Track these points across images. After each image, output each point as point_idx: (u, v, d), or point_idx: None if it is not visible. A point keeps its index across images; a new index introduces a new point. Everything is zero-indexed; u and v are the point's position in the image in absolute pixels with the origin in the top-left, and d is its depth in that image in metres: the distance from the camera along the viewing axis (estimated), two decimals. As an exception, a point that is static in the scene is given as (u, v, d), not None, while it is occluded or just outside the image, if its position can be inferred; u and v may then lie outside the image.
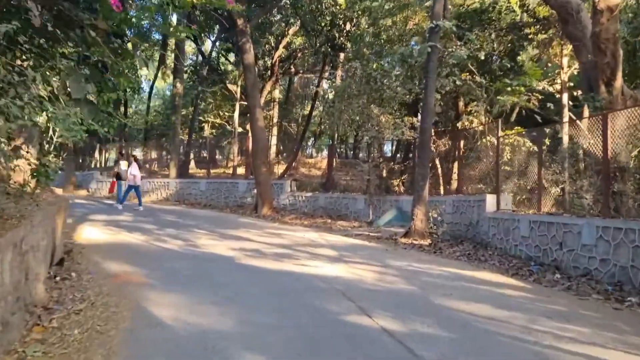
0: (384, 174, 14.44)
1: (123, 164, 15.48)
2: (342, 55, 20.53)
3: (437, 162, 13.58)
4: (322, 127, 36.41)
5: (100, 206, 14.71)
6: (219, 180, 17.56)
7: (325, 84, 26.93)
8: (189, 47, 37.77)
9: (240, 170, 29.63)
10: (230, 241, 8.56)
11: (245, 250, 7.59)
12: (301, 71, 31.30)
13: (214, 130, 33.12)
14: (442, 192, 13.10)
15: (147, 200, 18.60)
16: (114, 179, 15.67)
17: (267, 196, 14.88)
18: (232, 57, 29.52)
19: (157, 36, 29.54)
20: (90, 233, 8.72)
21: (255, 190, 15.80)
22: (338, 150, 42.65)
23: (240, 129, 31.08)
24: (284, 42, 22.68)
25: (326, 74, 24.51)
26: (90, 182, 21.64)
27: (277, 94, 31.81)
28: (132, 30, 21.10)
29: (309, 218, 13.97)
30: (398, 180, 15.39)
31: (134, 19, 4.56)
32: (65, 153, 14.37)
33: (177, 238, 8.63)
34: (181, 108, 27.10)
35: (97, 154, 34.57)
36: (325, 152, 45.74)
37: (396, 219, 12.40)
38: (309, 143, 39.60)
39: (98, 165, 32.16)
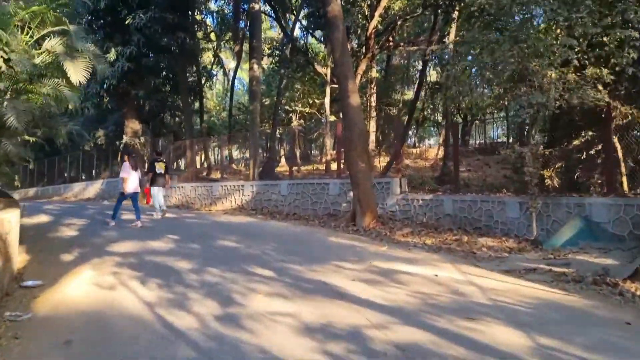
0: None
1: (159, 167, 12.74)
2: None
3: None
4: (430, 107, 31.85)
5: (151, 222, 11.78)
6: (304, 181, 13.98)
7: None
8: (267, 26, 35.05)
9: (334, 166, 26.12)
10: (308, 302, 4.81)
11: (334, 337, 3.80)
12: (402, 44, 26.87)
13: (302, 121, 29.90)
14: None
15: (217, 209, 15.61)
16: (148, 186, 13.06)
17: (368, 201, 11.01)
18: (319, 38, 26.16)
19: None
20: (79, 283, 5.47)
21: (351, 193, 11.99)
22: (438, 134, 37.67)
23: (332, 118, 27.66)
24: (380, 7, 18.56)
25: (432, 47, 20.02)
26: (159, 189, 19.30)
27: (374, 73, 27.91)
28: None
29: (431, 233, 9.86)
30: (550, 171, 10.65)
31: None
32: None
33: (213, 295, 5.07)
34: (261, 95, 24.18)
35: (189, 152, 33.15)
36: (429, 141, 40.91)
37: (582, 236, 7.87)
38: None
39: (182, 167, 30.64)
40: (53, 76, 7.88)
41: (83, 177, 27.20)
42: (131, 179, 10.87)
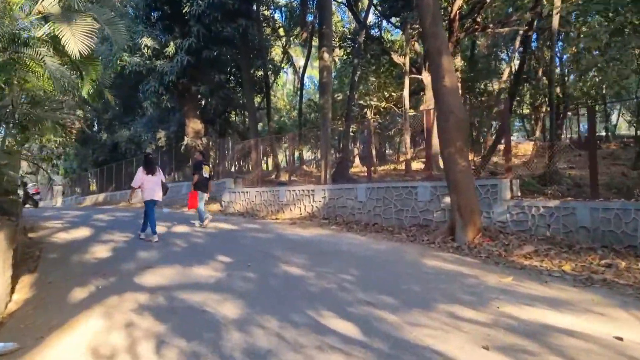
0: None
1: (205, 170, 11.59)
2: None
3: None
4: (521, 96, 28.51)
5: (204, 236, 10.18)
6: (386, 184, 11.82)
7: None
8: (337, 18, 33.11)
9: (416, 165, 23.73)
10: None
11: None
12: (491, 25, 23.94)
13: (378, 117, 27.66)
14: None
15: (284, 218, 13.84)
16: (193, 189, 11.79)
17: (471, 209, 8.73)
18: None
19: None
20: (69, 347, 3.78)
21: (447, 199, 9.75)
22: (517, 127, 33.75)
23: (411, 112, 25.28)
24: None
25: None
26: (223, 193, 17.89)
27: (457, 61, 25.24)
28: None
29: (564, 253, 7.43)
30: None
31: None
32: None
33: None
34: (333, 90, 22.28)
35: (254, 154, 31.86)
36: (517, 135, 37.14)
37: None
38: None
39: (246, 170, 29.35)
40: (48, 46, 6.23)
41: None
42: (146, 187, 9.44)
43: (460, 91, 9.58)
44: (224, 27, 17.66)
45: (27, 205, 19.53)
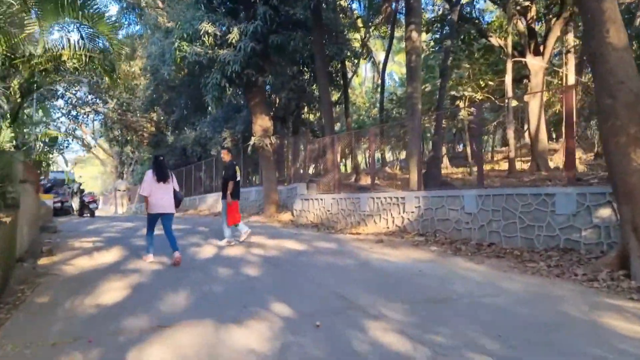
0: None
1: (238, 173, 9.70)
2: None
3: None
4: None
5: (262, 264, 7.92)
6: (504, 190, 8.90)
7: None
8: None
9: (520, 166, 20.33)
10: None
11: None
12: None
13: (473, 109, 24.37)
14: None
15: (367, 232, 11.31)
16: (230, 199, 9.54)
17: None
18: None
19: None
20: None
21: (602, 212, 6.85)
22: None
23: (514, 103, 21.89)
24: None
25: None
26: (295, 200, 15.69)
27: (570, 39, 21.60)
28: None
29: None
30: None
31: None
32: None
33: None
34: (421, 75, 19.45)
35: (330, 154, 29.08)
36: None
37: None
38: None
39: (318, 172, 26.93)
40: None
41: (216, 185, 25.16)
42: (155, 197, 7.61)
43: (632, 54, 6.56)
44: (294, 8, 15.48)
45: (84, 215, 18.45)
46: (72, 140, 31.69)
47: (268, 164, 17.29)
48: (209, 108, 18.96)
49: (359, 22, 29.20)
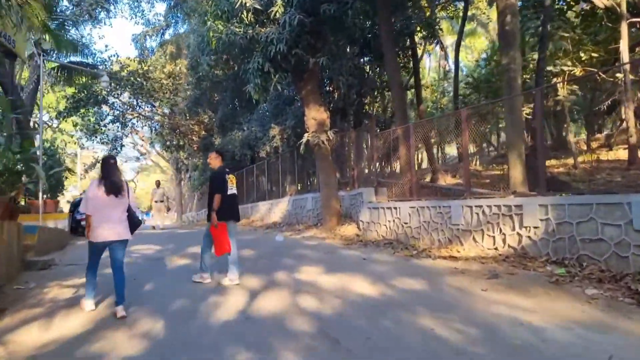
0: None
1: (231, 183, 7.06)
2: None
3: None
4: None
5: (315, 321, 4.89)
6: None
7: None
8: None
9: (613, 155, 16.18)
10: None
11: None
12: None
13: (575, 87, 20.17)
14: None
15: (465, 256, 7.97)
16: (216, 219, 6.83)
17: None
18: None
19: None
20: None
21: None
22: None
23: (631, 77, 17.71)
24: None
25: None
26: (360, 209, 12.61)
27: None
28: None
29: None
30: None
31: None
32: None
33: None
34: (518, 42, 15.75)
35: (404, 148, 25.27)
36: None
37: None
38: None
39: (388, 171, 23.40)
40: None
41: (273, 190, 22.40)
42: (98, 216, 5.30)
43: None
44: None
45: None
46: (121, 147, 30.10)
47: (326, 165, 14.27)
48: (257, 103, 16.26)
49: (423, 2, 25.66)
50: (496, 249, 8.08)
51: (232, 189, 7.05)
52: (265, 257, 9.17)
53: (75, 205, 16.89)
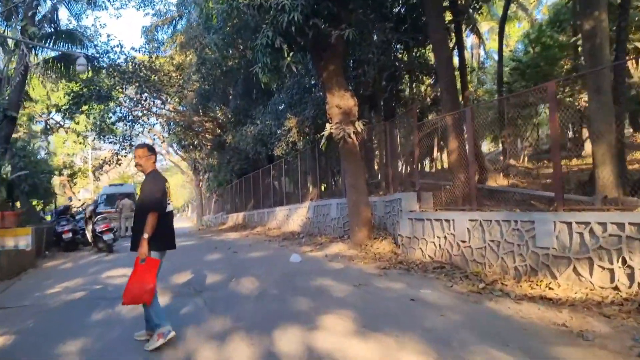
0: None
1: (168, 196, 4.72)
2: None
3: None
4: None
5: None
6: None
7: None
8: None
9: None
10: None
11: None
12: None
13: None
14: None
15: (566, 296, 5.24)
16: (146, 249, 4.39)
17: None
18: None
19: None
20: None
21: None
22: None
23: None
24: None
25: None
26: (399, 220, 10.02)
27: None
28: None
29: None
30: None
31: None
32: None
33: None
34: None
35: (455, 141, 22.55)
36: None
37: None
38: None
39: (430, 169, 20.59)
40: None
41: (293, 193, 19.89)
42: None
43: None
44: None
45: (101, 249, 13.78)
46: (131, 147, 28.09)
47: (353, 164, 11.66)
48: (272, 93, 13.74)
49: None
50: (614, 286, 5.42)
51: (170, 206, 4.75)
52: (271, 295, 6.65)
53: (58, 214, 14.72)
